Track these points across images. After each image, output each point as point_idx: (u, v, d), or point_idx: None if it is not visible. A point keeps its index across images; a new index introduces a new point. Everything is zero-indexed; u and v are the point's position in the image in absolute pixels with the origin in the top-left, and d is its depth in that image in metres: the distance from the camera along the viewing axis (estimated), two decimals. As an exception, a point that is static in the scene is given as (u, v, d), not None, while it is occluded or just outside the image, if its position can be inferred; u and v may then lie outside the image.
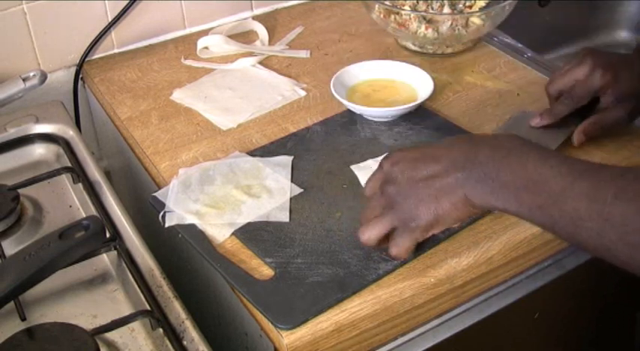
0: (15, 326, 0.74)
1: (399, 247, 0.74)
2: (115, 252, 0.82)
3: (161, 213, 0.86)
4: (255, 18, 1.27)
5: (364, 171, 0.91)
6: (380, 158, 0.92)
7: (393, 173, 0.73)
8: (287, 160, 0.93)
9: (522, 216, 0.67)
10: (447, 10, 1.13)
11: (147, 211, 0.91)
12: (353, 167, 0.92)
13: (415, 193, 0.71)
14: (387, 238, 0.75)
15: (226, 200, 0.87)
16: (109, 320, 0.73)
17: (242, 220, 0.84)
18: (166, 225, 0.85)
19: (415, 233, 0.73)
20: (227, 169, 0.91)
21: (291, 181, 0.90)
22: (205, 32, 1.24)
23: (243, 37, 1.24)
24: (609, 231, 0.60)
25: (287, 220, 0.84)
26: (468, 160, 0.68)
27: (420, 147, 0.74)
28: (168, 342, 0.72)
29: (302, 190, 0.89)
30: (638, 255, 0.59)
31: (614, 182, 0.60)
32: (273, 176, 0.90)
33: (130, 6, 1.18)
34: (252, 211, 0.85)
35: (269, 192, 0.88)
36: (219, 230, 0.83)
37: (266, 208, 0.86)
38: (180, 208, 0.85)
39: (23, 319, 0.75)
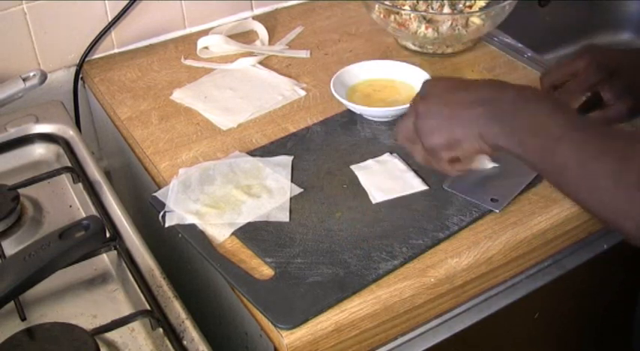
0: (15, 326, 0.74)
1: (416, 154, 0.81)
2: (115, 252, 0.82)
3: (161, 213, 0.86)
4: (255, 18, 1.27)
5: (364, 171, 0.91)
6: (380, 158, 0.93)
7: (429, 91, 0.79)
8: (287, 160, 0.93)
9: (520, 157, 0.71)
10: (447, 10, 1.13)
11: (147, 211, 0.91)
12: (353, 167, 0.92)
13: (437, 115, 0.76)
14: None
15: (226, 200, 0.87)
16: (109, 320, 0.73)
17: (242, 220, 0.84)
18: (166, 225, 0.85)
19: (429, 151, 0.78)
20: (227, 169, 0.91)
21: (291, 181, 0.90)
22: (205, 32, 1.24)
23: (243, 37, 1.24)
24: (584, 184, 0.65)
25: (287, 220, 0.84)
26: (493, 98, 0.73)
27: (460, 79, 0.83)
28: (168, 342, 0.72)
29: (302, 190, 0.89)
30: (609, 213, 0.64)
31: (604, 140, 0.65)
32: (273, 176, 0.90)
33: (130, 6, 1.18)
34: (252, 211, 0.85)
35: (269, 192, 0.88)
36: (219, 230, 0.83)
37: (266, 208, 0.86)
38: (181, 208, 0.86)
39: (23, 319, 0.75)
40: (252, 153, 0.95)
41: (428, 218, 0.84)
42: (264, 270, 0.79)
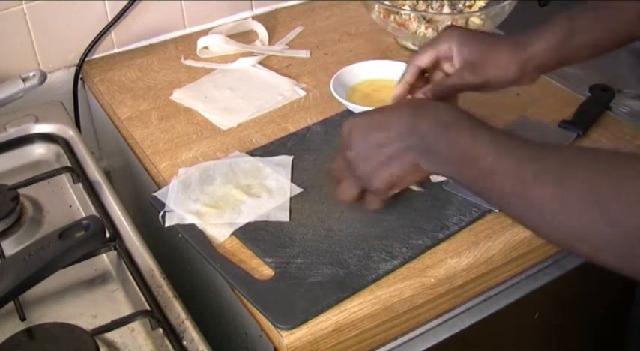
0: (15, 326, 0.74)
1: (373, 204, 0.79)
2: (115, 252, 0.82)
3: (161, 213, 0.86)
4: (255, 18, 1.27)
5: None
6: None
7: (349, 139, 0.76)
8: (287, 160, 0.93)
9: (465, 187, 0.70)
10: (446, 10, 1.13)
11: (147, 211, 0.91)
12: None
13: (369, 160, 0.74)
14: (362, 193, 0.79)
15: (226, 200, 0.87)
16: (109, 320, 0.73)
17: (242, 220, 0.84)
18: (166, 225, 0.85)
19: (379, 194, 0.77)
20: (227, 169, 0.91)
21: (291, 181, 0.90)
22: (205, 32, 1.24)
23: (243, 37, 1.24)
24: (530, 212, 0.63)
25: (287, 220, 0.84)
26: (411, 130, 0.71)
27: (374, 111, 0.77)
28: (168, 342, 0.72)
29: (302, 190, 0.89)
30: (561, 236, 0.61)
31: (536, 163, 0.62)
32: (273, 176, 0.90)
33: (130, 6, 1.18)
34: (252, 211, 0.85)
35: (269, 192, 0.88)
36: (219, 230, 0.83)
37: (266, 208, 0.86)
38: (180, 208, 0.85)
39: (23, 319, 0.75)
40: (252, 153, 0.95)
41: (428, 218, 0.84)
42: (264, 270, 0.79)
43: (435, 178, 0.89)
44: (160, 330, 0.73)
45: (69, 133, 1.02)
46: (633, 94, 1.08)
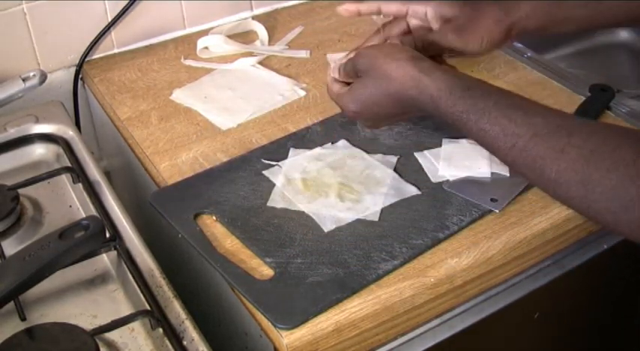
0: (15, 326, 0.74)
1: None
2: (115, 252, 0.82)
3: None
4: (255, 18, 1.27)
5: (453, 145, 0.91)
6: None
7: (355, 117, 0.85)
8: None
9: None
10: (446, 10, 1.13)
11: (147, 211, 0.91)
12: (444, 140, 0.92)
13: (375, 122, 0.86)
14: None
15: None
16: (109, 320, 0.73)
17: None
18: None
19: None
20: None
21: (291, 181, 0.90)
22: (205, 32, 1.24)
23: (243, 37, 1.24)
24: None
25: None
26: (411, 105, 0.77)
27: (367, 98, 0.81)
28: (168, 342, 0.72)
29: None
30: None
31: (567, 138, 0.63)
32: None
33: (130, 6, 1.18)
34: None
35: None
36: None
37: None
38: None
39: (23, 319, 0.75)
40: (252, 153, 0.95)
41: (428, 218, 0.84)
42: (264, 270, 0.79)
43: (435, 179, 0.89)
44: (160, 330, 0.73)
45: (69, 133, 1.02)
46: (633, 94, 1.08)
